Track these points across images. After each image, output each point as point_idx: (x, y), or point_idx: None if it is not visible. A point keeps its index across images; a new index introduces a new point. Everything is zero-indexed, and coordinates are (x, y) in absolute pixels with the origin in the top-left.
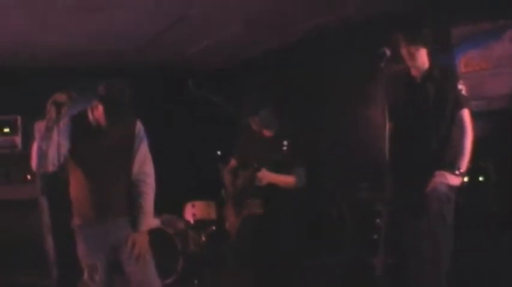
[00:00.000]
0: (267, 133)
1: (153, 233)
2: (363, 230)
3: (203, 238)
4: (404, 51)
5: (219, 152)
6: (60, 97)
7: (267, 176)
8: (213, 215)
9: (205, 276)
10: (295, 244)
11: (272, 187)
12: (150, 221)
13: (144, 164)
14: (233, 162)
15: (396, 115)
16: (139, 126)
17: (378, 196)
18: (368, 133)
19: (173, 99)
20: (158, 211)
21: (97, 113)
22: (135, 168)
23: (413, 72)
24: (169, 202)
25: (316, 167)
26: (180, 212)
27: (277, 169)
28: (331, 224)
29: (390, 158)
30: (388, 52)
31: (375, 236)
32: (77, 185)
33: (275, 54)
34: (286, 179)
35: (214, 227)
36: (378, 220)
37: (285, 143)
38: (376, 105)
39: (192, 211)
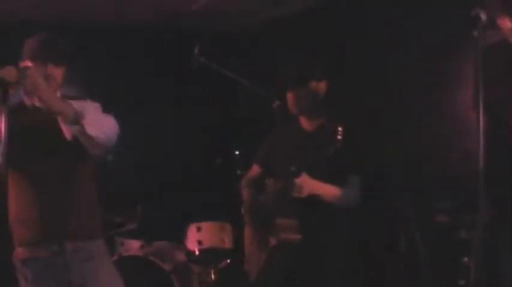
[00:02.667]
0: (308, 124)
1: (140, 267)
2: (442, 269)
3: (212, 276)
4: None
5: (237, 152)
6: (8, 74)
7: (310, 184)
8: (227, 242)
9: None
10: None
11: (314, 201)
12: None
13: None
14: (256, 167)
15: (495, 105)
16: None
17: (464, 220)
18: (451, 131)
19: (169, 75)
20: (148, 235)
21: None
22: None
23: None
24: (164, 223)
25: (377, 178)
26: (180, 238)
27: (321, 176)
28: (396, 258)
29: (485, 166)
30: (483, 16)
31: (461, 282)
32: (16, 200)
33: (311, 13)
34: (335, 192)
35: (228, 261)
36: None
37: (336, 139)
38: (463, 91)
39: (198, 237)
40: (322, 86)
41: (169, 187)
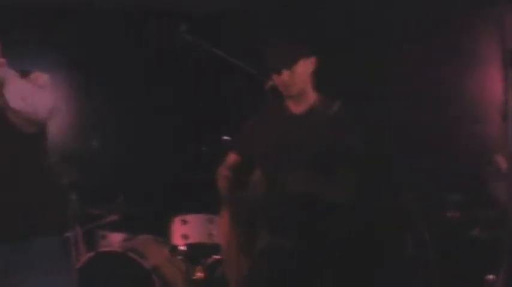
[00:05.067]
0: (297, 107)
1: (119, 264)
2: (454, 273)
3: (199, 274)
4: None
5: (226, 137)
6: None
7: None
8: (216, 237)
9: None
10: None
11: (309, 198)
12: None
13: None
14: (233, 155)
15: None
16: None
17: (478, 215)
18: (462, 116)
19: (150, 54)
20: (128, 228)
21: None
22: None
23: None
24: (145, 215)
25: (380, 169)
26: (163, 232)
27: (314, 168)
28: (402, 259)
29: None
30: None
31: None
32: None
33: None
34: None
35: (218, 257)
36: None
37: (331, 123)
38: (478, 77)
39: (183, 231)
40: (312, 62)
41: (154, 176)
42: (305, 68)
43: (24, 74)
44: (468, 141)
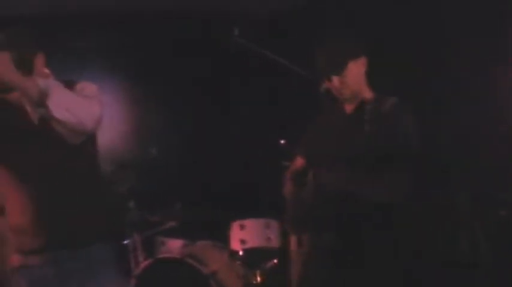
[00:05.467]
0: (350, 106)
1: (178, 271)
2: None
3: (258, 278)
4: None
5: (282, 141)
6: None
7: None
8: (274, 241)
9: None
10: None
11: (355, 199)
12: None
13: None
14: (299, 159)
15: None
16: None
17: None
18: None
19: (208, 59)
20: (187, 235)
21: None
22: None
23: None
24: (203, 221)
25: (431, 167)
26: (221, 237)
27: (362, 165)
28: (456, 258)
29: None
30: None
31: None
32: (8, 204)
33: None
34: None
35: (276, 261)
36: None
37: (378, 123)
38: None
39: (241, 236)
40: (362, 63)
41: (212, 181)
42: (356, 70)
43: (69, 84)
44: None
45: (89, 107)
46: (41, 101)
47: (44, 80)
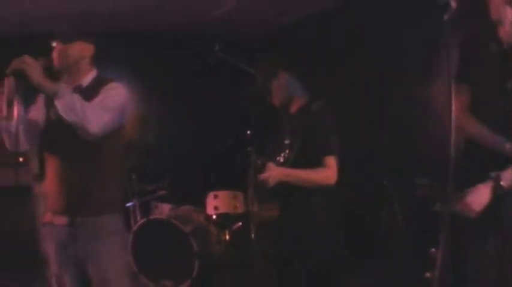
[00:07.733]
0: (293, 108)
1: (163, 229)
2: (418, 239)
3: (227, 237)
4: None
5: (248, 132)
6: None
7: (275, 174)
8: (239, 208)
9: (226, 283)
10: (329, 258)
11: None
12: None
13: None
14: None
15: (476, 95)
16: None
17: (440, 194)
18: (430, 112)
19: (193, 69)
20: (174, 201)
21: None
22: None
23: (501, 33)
24: (186, 191)
25: (363, 157)
26: (199, 204)
27: (302, 158)
28: (377, 231)
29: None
30: (453, 3)
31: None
32: (48, 172)
33: (315, 20)
34: (306, 176)
35: (240, 224)
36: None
37: (313, 120)
38: (439, 81)
39: (215, 203)
40: (287, 75)
41: (195, 162)
42: (282, 81)
43: (101, 82)
44: (434, 139)
45: (98, 111)
46: (51, 101)
47: (59, 85)
